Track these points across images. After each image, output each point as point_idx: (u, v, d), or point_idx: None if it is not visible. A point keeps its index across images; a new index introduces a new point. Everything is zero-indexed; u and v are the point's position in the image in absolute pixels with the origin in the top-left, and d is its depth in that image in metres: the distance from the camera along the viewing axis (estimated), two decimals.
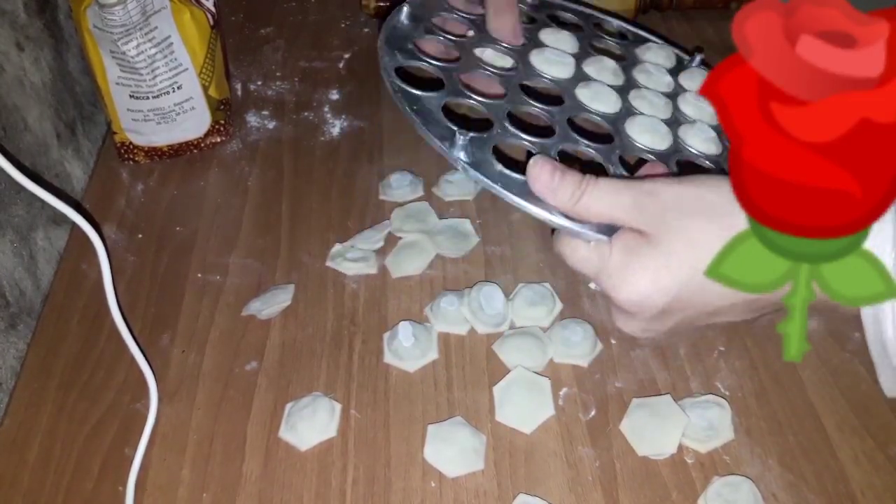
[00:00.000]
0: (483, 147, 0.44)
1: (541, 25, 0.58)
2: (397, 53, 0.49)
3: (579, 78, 0.53)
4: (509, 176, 0.42)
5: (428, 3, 0.55)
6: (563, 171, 0.41)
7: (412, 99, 0.45)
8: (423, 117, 0.44)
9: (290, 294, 0.57)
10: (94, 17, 0.60)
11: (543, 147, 0.46)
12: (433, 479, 0.47)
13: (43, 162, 0.61)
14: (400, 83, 0.46)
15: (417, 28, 0.52)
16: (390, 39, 0.50)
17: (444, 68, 0.49)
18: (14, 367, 0.53)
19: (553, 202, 0.41)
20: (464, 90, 0.48)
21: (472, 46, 0.53)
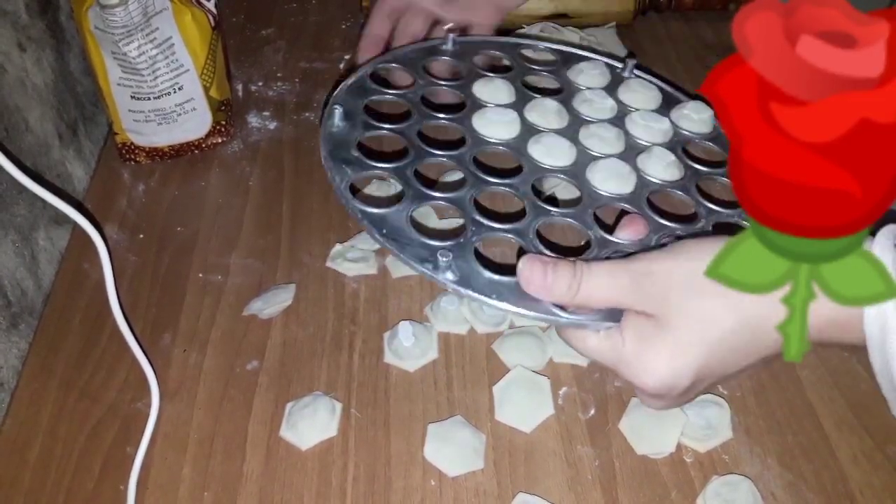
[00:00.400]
0: (464, 255, 0.43)
1: (471, 77, 0.58)
2: (345, 167, 0.48)
3: (526, 132, 0.53)
4: (500, 282, 0.42)
5: (353, 91, 0.55)
6: (553, 265, 0.40)
7: (378, 222, 0.45)
8: (397, 241, 0.44)
9: (290, 294, 0.57)
10: (96, 18, 0.60)
11: (520, 233, 0.46)
12: (433, 477, 0.47)
13: (44, 162, 0.61)
14: (361, 207, 0.45)
15: (354, 126, 0.51)
16: (333, 152, 0.49)
17: (396, 169, 0.49)
18: (16, 366, 0.53)
19: (551, 299, 0.41)
20: (424, 190, 0.47)
21: (414, 123, 0.53)
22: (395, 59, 0.59)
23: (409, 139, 0.51)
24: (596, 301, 0.40)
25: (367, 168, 0.48)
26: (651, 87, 0.59)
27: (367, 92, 0.55)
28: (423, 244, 0.43)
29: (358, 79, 0.56)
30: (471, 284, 0.42)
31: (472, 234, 0.45)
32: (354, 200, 0.45)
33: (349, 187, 0.47)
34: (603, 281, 0.40)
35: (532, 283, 0.41)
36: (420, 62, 0.59)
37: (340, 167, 0.48)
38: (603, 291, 0.40)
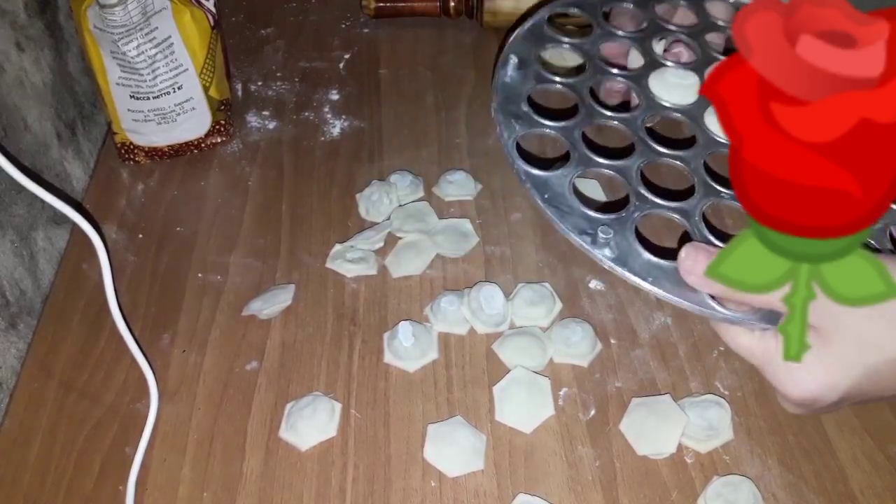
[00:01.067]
0: (623, 231, 0.41)
1: (652, 29, 0.55)
2: (514, 122, 0.46)
3: (705, 99, 0.50)
4: (659, 266, 0.40)
5: (528, 38, 0.53)
6: (716, 251, 0.38)
7: (541, 186, 0.43)
8: (557, 208, 0.42)
9: (290, 294, 0.57)
10: (95, 18, 0.60)
11: (686, 213, 0.43)
12: (433, 478, 0.47)
13: (43, 162, 0.61)
14: (525, 168, 0.44)
15: (527, 77, 0.50)
16: (503, 105, 0.47)
17: (564, 129, 0.47)
18: (14, 366, 0.53)
19: (712, 292, 0.39)
20: (590, 155, 0.46)
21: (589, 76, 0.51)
22: (574, 3, 0.56)
23: (580, 96, 0.50)
24: (756, 300, 0.39)
25: (535, 125, 0.47)
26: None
27: (542, 39, 0.53)
28: (583, 215, 0.42)
29: (534, 24, 0.54)
30: (627, 264, 0.40)
31: (634, 209, 0.43)
32: (520, 160, 0.44)
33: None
34: None
35: (693, 274, 0.39)
36: (601, 6, 0.57)
37: (510, 122, 0.46)
38: (765, 297, 0.38)
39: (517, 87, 0.49)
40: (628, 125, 0.48)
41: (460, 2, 0.84)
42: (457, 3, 0.84)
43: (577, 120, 0.48)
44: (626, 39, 0.55)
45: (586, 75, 0.52)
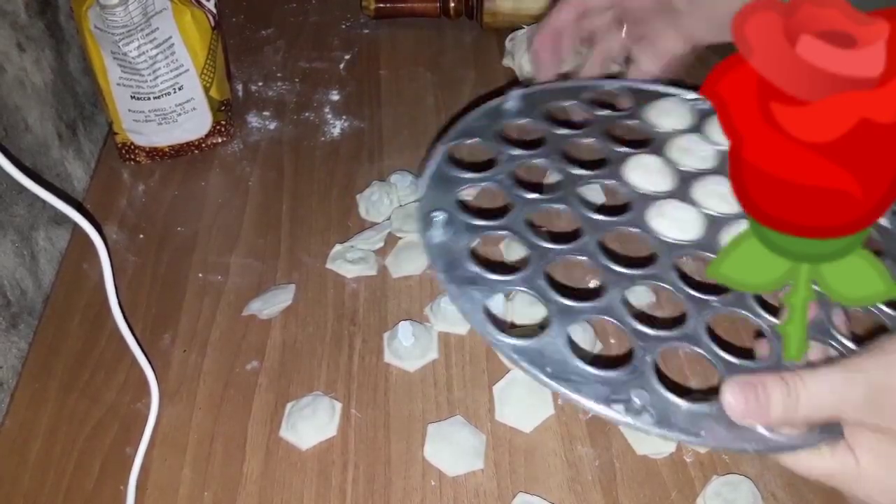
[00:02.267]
0: (645, 382, 0.37)
1: (552, 139, 0.52)
2: (471, 290, 0.41)
3: (639, 199, 0.48)
4: (701, 412, 0.36)
5: (436, 185, 0.48)
6: (762, 385, 0.35)
7: (536, 358, 0.38)
8: (567, 380, 0.37)
9: (290, 294, 0.57)
10: (96, 18, 0.60)
11: (692, 338, 0.40)
12: (433, 477, 0.47)
13: (44, 162, 0.61)
14: (511, 342, 0.39)
15: (458, 230, 0.45)
16: (450, 271, 0.42)
17: (526, 280, 0.42)
18: (15, 366, 0.53)
19: (765, 424, 0.36)
20: (569, 304, 0.41)
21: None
22: (465, 133, 0.52)
23: (522, 237, 0.45)
24: (816, 419, 0.36)
25: (493, 285, 0.42)
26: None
27: (451, 182, 0.48)
28: (599, 378, 0.37)
29: (436, 168, 0.49)
30: (670, 422, 0.36)
31: (642, 351, 0.39)
32: (503, 337, 0.39)
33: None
34: (825, 398, 0.35)
35: (745, 413, 0.36)
36: (490, 129, 0.53)
37: (467, 292, 0.41)
38: (826, 410, 0.35)
39: (454, 248, 0.44)
40: (585, 253, 0.45)
41: (460, 2, 0.84)
42: (457, 4, 0.84)
43: (535, 266, 0.43)
44: (539, 157, 0.51)
45: (517, 209, 0.47)
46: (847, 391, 0.34)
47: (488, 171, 0.49)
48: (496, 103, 0.55)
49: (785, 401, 0.35)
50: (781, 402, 0.35)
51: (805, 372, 0.35)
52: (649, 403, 0.36)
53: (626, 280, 0.43)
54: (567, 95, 0.57)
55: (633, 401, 0.36)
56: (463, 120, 0.53)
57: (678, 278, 0.43)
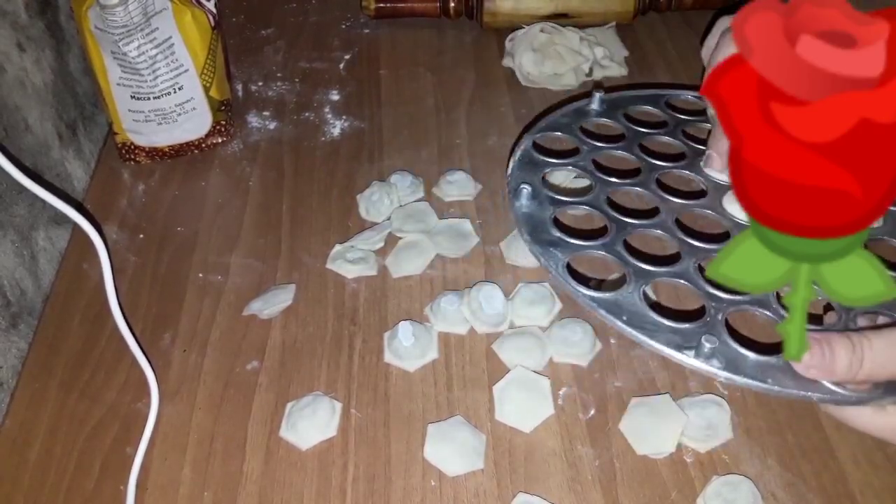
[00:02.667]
0: (717, 334, 0.40)
1: (631, 136, 0.57)
2: (553, 251, 0.46)
3: (713, 188, 0.52)
4: (769, 364, 0.39)
5: (524, 166, 0.54)
6: (828, 343, 0.37)
7: (615, 309, 0.42)
8: (642, 327, 0.41)
9: (290, 294, 0.57)
10: (96, 18, 0.60)
11: (763, 303, 0.43)
12: (433, 477, 0.47)
13: (44, 162, 0.61)
14: (592, 294, 0.43)
15: (542, 203, 0.50)
16: (534, 235, 0.47)
17: (605, 246, 0.47)
18: (15, 366, 0.53)
19: (832, 379, 0.38)
20: (646, 267, 0.45)
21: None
22: (548, 127, 0.58)
23: (602, 211, 0.50)
24: (880, 376, 0.37)
25: (576, 249, 0.47)
26: None
27: (536, 165, 0.54)
28: (672, 329, 0.41)
29: (523, 152, 0.55)
30: (740, 369, 0.39)
31: (714, 310, 0.42)
32: (582, 288, 0.43)
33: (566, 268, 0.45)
34: (888, 355, 0.37)
35: (810, 366, 0.38)
36: (575, 125, 0.58)
37: (548, 251, 0.46)
38: (889, 367, 0.37)
39: (539, 216, 0.49)
40: (662, 228, 0.49)
41: (460, 2, 0.84)
42: (457, 4, 0.84)
43: (613, 235, 0.48)
44: (620, 150, 0.56)
45: (597, 190, 0.52)
46: None
47: (571, 158, 0.55)
48: (580, 104, 0.60)
49: (850, 357, 0.36)
50: (847, 358, 0.36)
51: (871, 332, 0.37)
52: (718, 350, 0.39)
53: (702, 252, 0.47)
54: (646, 101, 0.61)
55: (703, 346, 0.39)
56: (548, 117, 0.58)
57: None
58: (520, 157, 0.54)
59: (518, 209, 0.50)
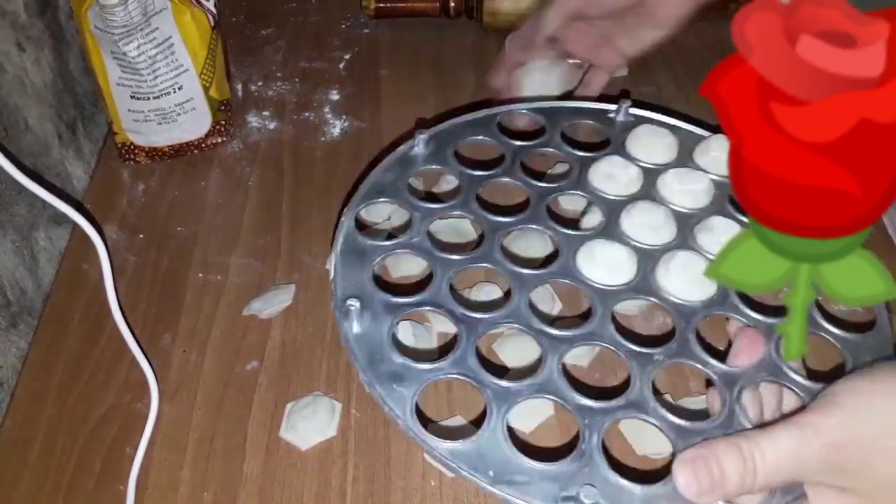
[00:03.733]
0: (594, 467, 0.36)
1: (466, 184, 0.50)
2: (395, 386, 0.39)
3: (564, 241, 0.47)
4: (656, 493, 0.35)
5: (349, 259, 0.45)
6: (715, 459, 0.34)
7: (475, 461, 0.36)
8: (511, 483, 0.35)
9: (290, 294, 0.57)
10: (96, 18, 0.60)
11: (639, 406, 0.39)
12: (433, 478, 0.47)
13: (44, 162, 0.61)
14: (446, 446, 0.36)
15: (376, 318, 0.42)
16: (372, 368, 0.39)
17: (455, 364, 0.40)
18: (15, 366, 0.53)
19: (723, 499, 0.34)
20: (504, 385, 0.39)
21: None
22: (371, 193, 0.50)
23: (447, 310, 0.43)
24: (775, 485, 0.35)
25: (422, 375, 0.39)
26: (661, 131, 0.53)
27: (363, 254, 0.46)
28: (546, 475, 0.36)
29: (346, 238, 0.46)
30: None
31: (586, 429, 0.37)
32: (434, 440, 0.37)
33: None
34: (783, 464, 0.34)
35: (701, 493, 0.34)
36: (398, 181, 0.50)
37: (393, 391, 0.38)
38: (784, 474, 0.34)
39: (375, 337, 0.41)
40: (514, 318, 0.43)
41: (460, 2, 0.84)
42: (457, 4, 0.84)
43: (465, 344, 0.41)
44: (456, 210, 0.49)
45: (435, 285, 0.44)
46: (804, 454, 0.33)
47: (403, 237, 0.47)
48: (403, 150, 0.52)
49: (742, 473, 0.33)
50: (738, 475, 0.33)
51: (760, 436, 0.34)
52: (601, 498, 0.34)
53: (565, 344, 0.42)
54: (476, 128, 0.55)
55: (581, 499, 0.34)
56: (370, 176, 0.50)
57: (616, 332, 0.42)
58: (342, 249, 0.46)
59: (347, 332, 0.41)
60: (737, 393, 0.39)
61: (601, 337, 0.42)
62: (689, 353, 0.41)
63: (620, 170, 0.51)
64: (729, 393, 0.39)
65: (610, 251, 0.45)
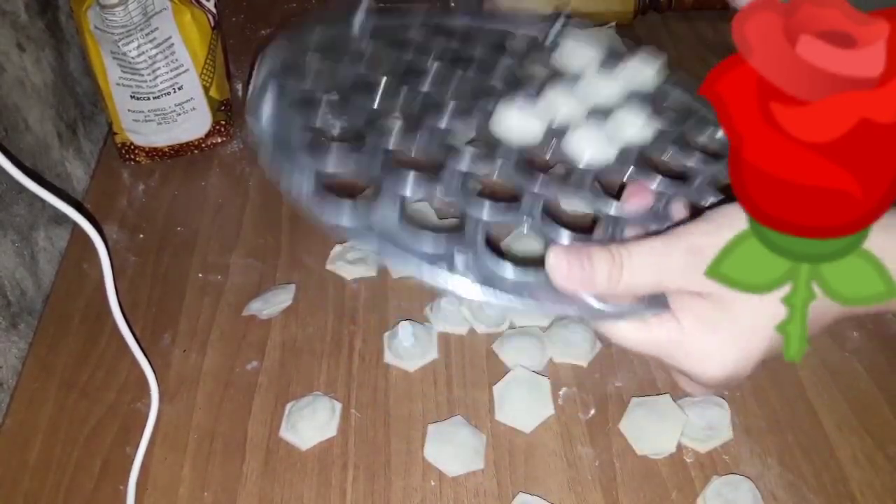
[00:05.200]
0: (474, 249, 0.35)
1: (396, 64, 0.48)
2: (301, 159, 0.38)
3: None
4: (526, 282, 0.35)
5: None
6: (587, 254, 0.35)
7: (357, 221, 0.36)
8: (388, 241, 0.35)
9: (290, 294, 0.57)
10: (95, 18, 0.60)
11: (528, 213, 0.38)
12: (433, 478, 0.47)
13: (44, 162, 0.61)
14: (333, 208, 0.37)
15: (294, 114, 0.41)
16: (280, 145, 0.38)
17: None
18: (15, 366, 0.53)
19: (591, 291, 0.36)
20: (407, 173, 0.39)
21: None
22: (305, 46, 0.48)
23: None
24: (641, 287, 0.36)
25: (328, 155, 0.40)
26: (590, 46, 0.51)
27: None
28: (426, 244, 0.36)
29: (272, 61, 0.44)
30: (495, 286, 0.34)
31: (474, 223, 0.37)
32: (336, 205, 0.37)
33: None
34: (647, 264, 0.35)
35: (569, 278, 0.35)
36: (332, 44, 0.49)
37: (295, 162, 0.39)
38: (648, 276, 0.35)
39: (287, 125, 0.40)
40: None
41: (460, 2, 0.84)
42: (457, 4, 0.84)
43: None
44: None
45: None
46: (667, 257, 0.35)
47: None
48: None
49: (609, 268, 0.35)
50: (606, 270, 0.35)
51: (632, 243, 0.35)
52: (472, 264, 0.34)
53: (464, 153, 0.41)
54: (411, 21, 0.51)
55: (456, 259, 0.34)
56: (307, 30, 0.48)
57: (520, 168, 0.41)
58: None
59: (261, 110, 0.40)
60: (620, 228, 0.39)
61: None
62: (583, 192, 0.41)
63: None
64: (613, 226, 0.39)
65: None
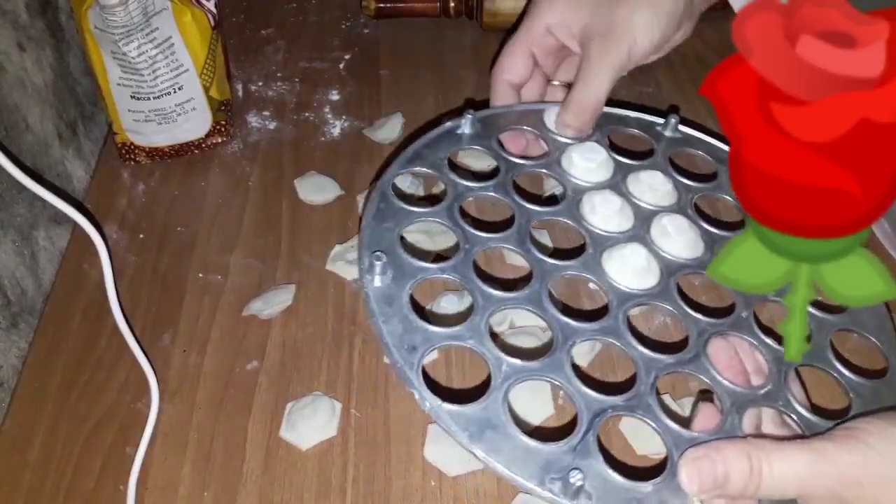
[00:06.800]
0: (587, 455, 0.35)
1: (509, 168, 0.50)
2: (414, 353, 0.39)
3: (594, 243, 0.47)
4: (643, 492, 0.35)
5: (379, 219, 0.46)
6: (724, 461, 0.34)
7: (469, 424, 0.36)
8: (498, 452, 0.35)
9: (290, 294, 0.57)
10: (96, 18, 0.60)
11: (636, 405, 0.39)
12: (433, 477, 0.47)
13: (44, 162, 0.61)
14: (439, 403, 0.37)
15: (400, 275, 0.43)
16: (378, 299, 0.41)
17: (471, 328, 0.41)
18: (15, 366, 0.53)
19: (720, 497, 0.35)
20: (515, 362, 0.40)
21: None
22: (413, 159, 0.50)
23: (467, 280, 0.43)
24: (777, 497, 0.34)
25: (432, 337, 0.40)
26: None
27: (396, 216, 0.46)
28: (538, 456, 0.35)
29: (379, 202, 0.47)
30: (609, 496, 0.34)
31: (586, 426, 0.37)
32: (431, 395, 0.37)
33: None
34: (790, 482, 0.33)
35: (702, 486, 0.34)
36: (440, 155, 0.51)
37: (412, 355, 0.39)
38: (785, 492, 0.33)
39: (394, 295, 0.41)
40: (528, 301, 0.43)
41: (460, 2, 0.84)
42: (457, 4, 0.84)
43: (480, 315, 0.42)
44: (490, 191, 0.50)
45: (463, 253, 0.45)
46: (815, 481, 0.33)
47: (436, 206, 0.48)
48: (449, 127, 0.54)
49: (746, 480, 0.33)
50: (742, 482, 0.33)
51: (772, 449, 0.33)
52: (587, 482, 0.34)
53: (577, 334, 0.42)
54: (522, 119, 0.55)
55: (570, 480, 0.33)
56: (411, 146, 0.51)
57: (628, 332, 0.43)
58: (377, 207, 0.46)
59: (368, 284, 0.42)
60: (736, 410, 0.39)
61: (614, 333, 0.43)
62: (698, 365, 0.42)
63: (659, 182, 0.51)
64: (731, 408, 0.39)
65: (635, 256, 0.46)
